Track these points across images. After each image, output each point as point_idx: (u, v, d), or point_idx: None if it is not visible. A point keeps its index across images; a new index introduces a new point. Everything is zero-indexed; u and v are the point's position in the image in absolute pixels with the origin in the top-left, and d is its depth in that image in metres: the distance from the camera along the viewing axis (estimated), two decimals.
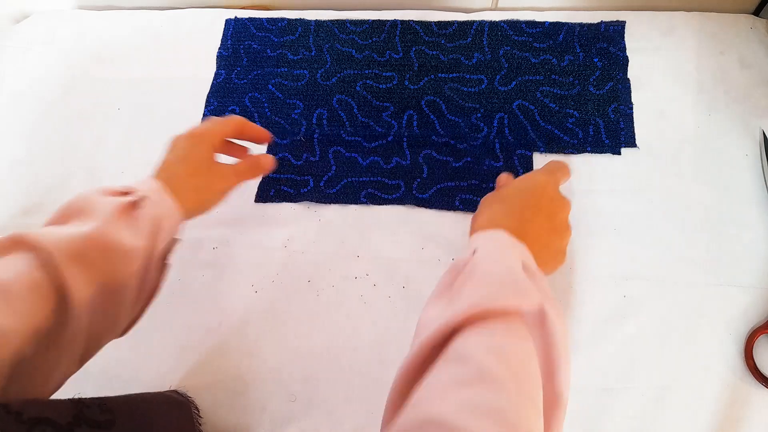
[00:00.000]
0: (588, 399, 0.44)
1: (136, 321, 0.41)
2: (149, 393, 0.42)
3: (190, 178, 0.43)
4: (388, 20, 0.62)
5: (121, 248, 0.36)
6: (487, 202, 0.42)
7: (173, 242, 0.43)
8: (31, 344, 0.30)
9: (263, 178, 0.56)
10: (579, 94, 0.56)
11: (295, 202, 0.55)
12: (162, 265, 0.41)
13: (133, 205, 0.39)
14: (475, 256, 0.35)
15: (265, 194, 0.55)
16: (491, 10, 0.62)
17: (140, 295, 0.39)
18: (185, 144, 0.45)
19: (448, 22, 0.61)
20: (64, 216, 0.37)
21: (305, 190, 0.55)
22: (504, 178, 0.46)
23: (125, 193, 0.40)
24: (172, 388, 0.47)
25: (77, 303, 0.32)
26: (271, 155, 0.51)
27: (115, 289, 0.35)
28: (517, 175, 0.53)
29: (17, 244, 0.33)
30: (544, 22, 0.60)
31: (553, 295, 0.35)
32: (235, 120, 0.48)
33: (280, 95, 0.60)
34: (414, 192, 0.54)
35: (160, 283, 0.42)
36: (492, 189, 0.53)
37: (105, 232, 0.35)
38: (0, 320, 0.29)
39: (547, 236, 0.39)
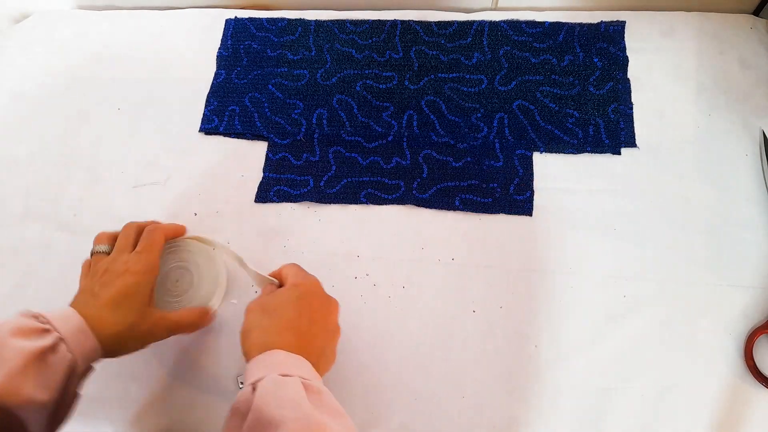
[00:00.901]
0: (588, 399, 0.45)
1: None
2: None
3: (116, 326, 0.39)
4: (388, 20, 0.62)
5: (28, 404, 0.32)
6: (254, 314, 0.39)
7: (87, 370, 0.38)
8: None
9: (263, 178, 0.56)
10: (579, 94, 0.56)
11: (295, 202, 0.55)
12: (73, 397, 0.37)
13: (46, 351, 0.35)
14: (256, 400, 0.32)
15: (265, 194, 0.55)
16: (491, 10, 0.62)
17: (49, 428, 0.35)
18: (121, 284, 0.40)
19: (448, 22, 0.61)
20: None
21: (305, 190, 0.55)
22: (268, 285, 0.44)
23: (43, 330, 0.36)
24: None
25: None
26: (213, 312, 0.47)
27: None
28: (517, 175, 0.53)
29: None
30: (544, 22, 0.60)
31: (339, 406, 0.34)
32: (161, 233, 0.45)
33: (280, 95, 0.60)
34: (414, 192, 0.54)
35: (71, 412, 0.37)
36: (492, 189, 0.53)
37: (8, 390, 0.32)
38: None
39: (323, 342, 0.39)
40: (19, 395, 0.32)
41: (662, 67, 0.57)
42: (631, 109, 0.55)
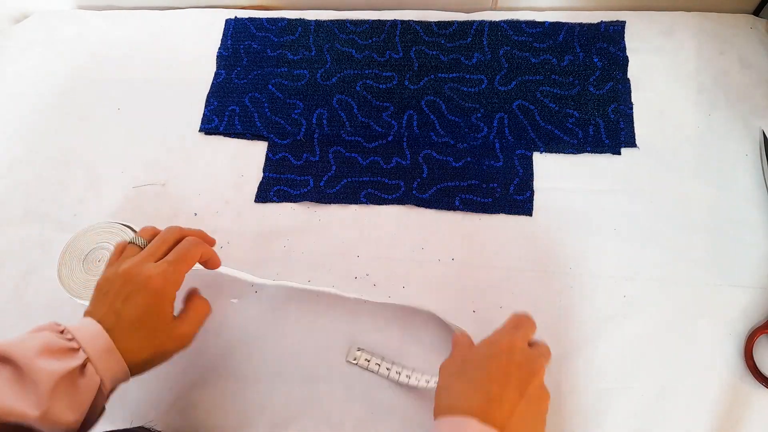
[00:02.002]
0: (588, 399, 0.44)
1: None
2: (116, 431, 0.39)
3: (145, 350, 0.37)
4: (388, 20, 0.62)
5: (56, 425, 0.32)
6: (447, 373, 0.37)
7: (114, 389, 0.38)
8: None
9: (263, 178, 0.56)
10: (579, 94, 0.56)
11: (295, 202, 0.55)
12: (100, 412, 0.37)
13: (76, 372, 0.34)
14: None
15: (265, 194, 0.55)
16: (491, 10, 0.62)
17: None
18: (143, 302, 0.38)
19: (448, 22, 0.61)
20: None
21: (305, 190, 0.55)
22: (460, 339, 0.41)
23: (70, 350, 0.35)
24: (148, 422, 0.46)
25: None
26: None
27: None
28: (517, 175, 0.53)
29: None
30: (544, 22, 0.60)
31: None
32: (199, 251, 0.42)
33: (280, 95, 0.60)
34: (414, 192, 0.54)
35: (96, 424, 0.37)
36: (492, 189, 0.53)
37: (38, 413, 0.32)
38: None
39: (522, 411, 0.34)
40: (48, 418, 0.32)
41: (662, 66, 0.57)
42: (631, 109, 0.55)
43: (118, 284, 0.38)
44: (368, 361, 0.46)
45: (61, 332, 0.36)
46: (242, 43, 0.63)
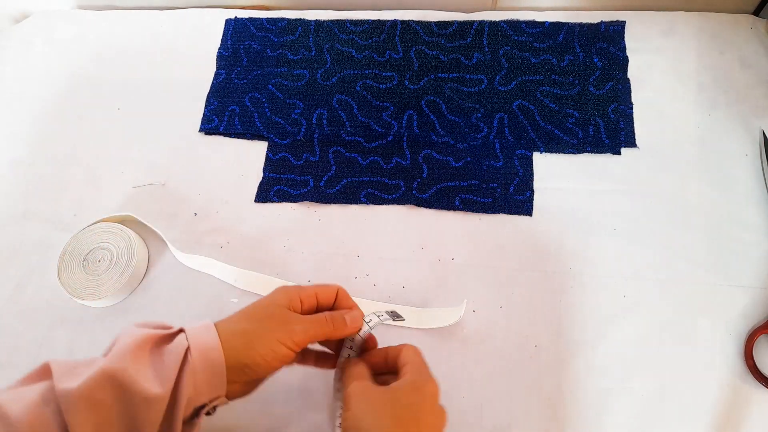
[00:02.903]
0: (588, 399, 0.44)
1: None
2: None
3: (239, 323, 0.35)
4: (388, 20, 0.62)
5: (136, 388, 0.30)
6: (357, 406, 0.33)
7: (216, 400, 0.33)
8: None
9: (263, 178, 0.56)
10: (579, 94, 0.56)
11: (295, 202, 0.55)
12: (193, 422, 0.33)
13: (164, 339, 0.33)
14: None
15: (265, 194, 0.55)
16: (491, 10, 0.62)
17: None
18: (261, 299, 0.37)
19: (448, 22, 0.61)
20: (108, 348, 0.33)
21: (305, 190, 0.55)
22: (380, 357, 0.38)
23: (166, 326, 0.34)
24: None
25: None
26: (358, 314, 0.39)
27: (126, 427, 0.31)
28: (517, 175, 0.53)
29: (44, 372, 0.31)
30: (544, 22, 0.60)
31: None
32: (335, 288, 0.39)
33: (280, 95, 0.60)
34: (414, 192, 0.54)
35: None
36: (492, 189, 0.53)
37: (116, 368, 0.30)
38: None
39: None
40: (128, 375, 0.30)
41: (662, 67, 0.57)
42: (631, 109, 0.55)
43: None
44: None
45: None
46: (242, 43, 0.63)
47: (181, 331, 0.33)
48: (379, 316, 0.39)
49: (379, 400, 0.34)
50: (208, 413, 0.34)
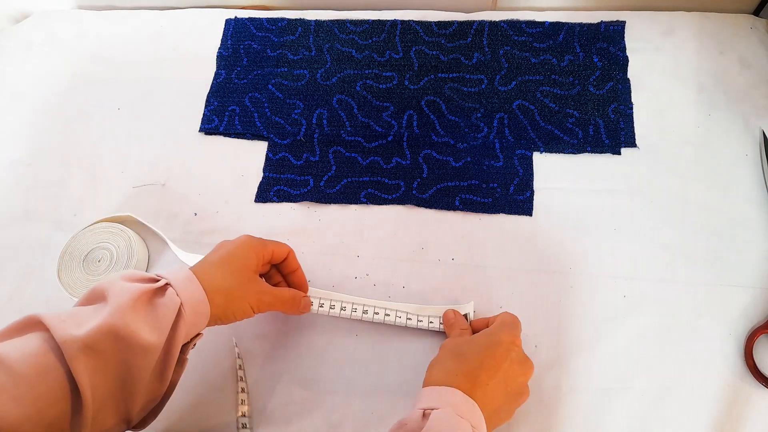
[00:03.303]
0: (588, 399, 0.44)
1: (154, 415, 0.38)
2: None
3: (223, 281, 0.39)
4: (388, 20, 0.62)
5: (135, 340, 0.33)
6: (446, 350, 0.41)
7: (195, 337, 0.39)
8: (36, 431, 0.29)
9: (263, 178, 0.56)
10: (579, 94, 0.56)
11: (295, 202, 0.55)
12: (181, 360, 0.38)
13: (155, 293, 0.36)
14: (430, 424, 0.34)
15: (265, 194, 0.55)
16: (491, 10, 0.62)
17: (156, 390, 0.36)
18: (231, 247, 0.42)
19: (448, 22, 0.61)
20: (88, 299, 0.36)
21: (305, 190, 0.55)
22: (452, 319, 0.45)
23: (152, 279, 0.37)
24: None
25: (87, 393, 0.31)
26: (308, 301, 0.46)
27: (129, 382, 0.34)
28: (517, 175, 0.53)
29: (32, 325, 0.33)
30: (544, 22, 0.60)
31: None
32: (287, 249, 0.45)
33: (280, 95, 0.60)
34: (414, 192, 0.54)
35: (177, 378, 0.38)
36: (492, 189, 0.53)
37: (117, 322, 0.33)
38: (7, 406, 0.28)
39: (499, 401, 0.38)
40: (129, 329, 0.33)
41: (662, 67, 0.57)
42: (631, 109, 0.55)
43: (215, 247, 0.43)
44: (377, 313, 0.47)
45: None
46: (242, 43, 0.63)
47: (168, 284, 0.37)
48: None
49: (460, 346, 0.40)
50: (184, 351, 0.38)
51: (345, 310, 0.47)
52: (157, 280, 0.37)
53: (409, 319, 0.47)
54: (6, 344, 0.32)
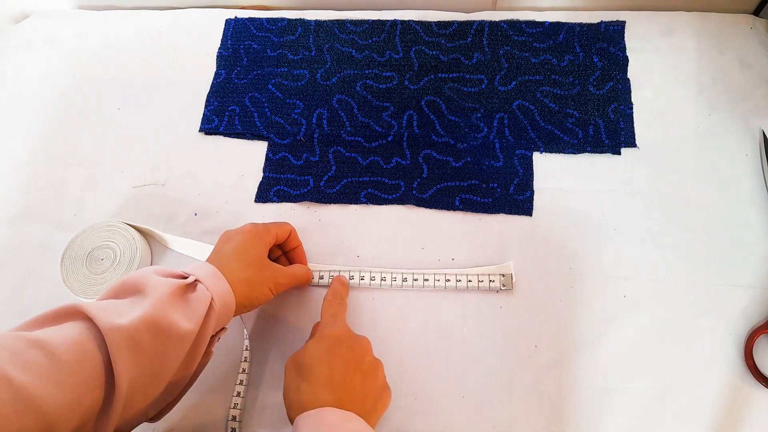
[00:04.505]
0: (588, 399, 0.45)
1: (170, 407, 0.39)
2: None
3: (243, 272, 0.42)
4: (388, 20, 0.62)
5: (173, 331, 0.35)
6: (289, 374, 0.39)
7: (220, 331, 0.41)
8: (71, 418, 0.30)
9: (263, 178, 0.56)
10: (579, 94, 0.56)
11: (295, 202, 0.55)
12: (207, 352, 0.40)
13: (188, 288, 0.38)
14: None
15: (265, 194, 0.55)
16: (491, 10, 0.62)
17: (180, 380, 0.38)
18: (240, 239, 0.44)
19: (448, 22, 0.61)
20: (118, 292, 0.37)
21: (305, 190, 0.55)
22: (330, 299, 0.46)
23: (181, 276, 0.39)
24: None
25: (122, 383, 0.32)
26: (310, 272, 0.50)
27: (160, 373, 0.35)
28: (517, 175, 0.53)
29: (73, 313, 0.34)
30: (544, 22, 0.60)
31: None
32: (289, 228, 0.48)
33: (280, 95, 0.60)
34: (414, 192, 0.54)
35: (200, 371, 0.40)
36: (492, 189, 0.53)
37: (159, 314, 0.35)
38: (50, 390, 0.29)
39: (363, 388, 0.38)
40: (168, 321, 0.35)
41: (662, 67, 0.57)
42: (631, 109, 0.55)
43: (222, 239, 0.45)
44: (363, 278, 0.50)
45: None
46: (242, 43, 0.63)
47: (197, 281, 0.39)
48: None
49: (300, 362, 0.40)
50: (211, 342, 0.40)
51: (353, 279, 0.50)
52: (186, 277, 0.39)
53: (416, 280, 0.49)
54: (48, 330, 0.32)
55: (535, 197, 0.52)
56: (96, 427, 0.32)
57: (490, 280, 0.49)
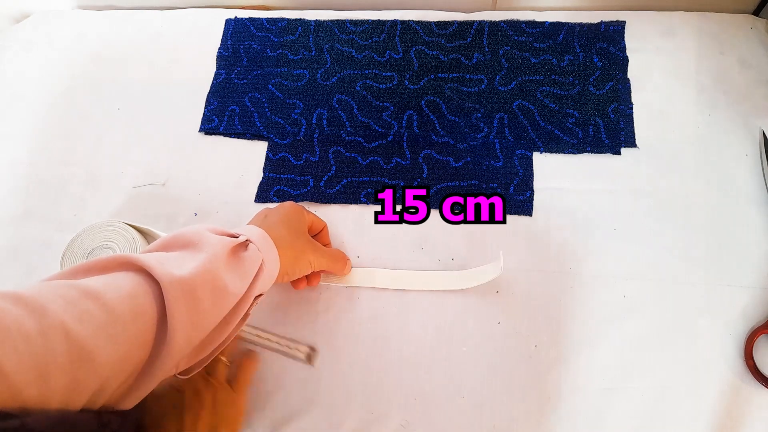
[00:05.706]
0: (588, 399, 0.45)
1: (200, 365, 0.37)
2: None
3: (291, 240, 0.43)
4: (388, 20, 0.62)
5: (224, 289, 0.35)
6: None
7: (259, 296, 0.40)
8: (120, 373, 0.29)
9: (263, 178, 0.56)
10: (579, 94, 0.56)
11: (295, 202, 0.55)
12: (246, 315, 0.39)
13: (239, 247, 0.38)
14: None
15: (265, 194, 0.55)
16: (491, 10, 0.62)
17: (215, 339, 0.36)
18: (290, 210, 0.45)
19: (448, 22, 0.61)
20: (168, 245, 0.37)
21: (305, 190, 0.55)
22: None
23: (233, 236, 0.39)
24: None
25: (177, 341, 0.31)
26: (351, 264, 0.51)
27: (204, 329, 0.34)
28: (517, 175, 0.53)
29: (123, 264, 0.33)
30: (544, 22, 0.60)
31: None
32: (324, 223, 0.50)
33: (280, 95, 0.60)
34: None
35: (236, 332, 0.38)
36: (492, 189, 0.53)
37: (214, 270, 0.34)
38: (104, 342, 0.28)
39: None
40: (223, 277, 0.35)
41: (662, 67, 0.57)
42: (631, 109, 0.55)
43: (260, 213, 0.46)
44: None
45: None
46: (242, 43, 0.63)
47: (248, 240, 0.39)
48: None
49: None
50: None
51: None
52: (237, 236, 0.39)
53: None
54: (100, 280, 0.31)
55: (535, 197, 0.52)
56: (137, 383, 0.31)
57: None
